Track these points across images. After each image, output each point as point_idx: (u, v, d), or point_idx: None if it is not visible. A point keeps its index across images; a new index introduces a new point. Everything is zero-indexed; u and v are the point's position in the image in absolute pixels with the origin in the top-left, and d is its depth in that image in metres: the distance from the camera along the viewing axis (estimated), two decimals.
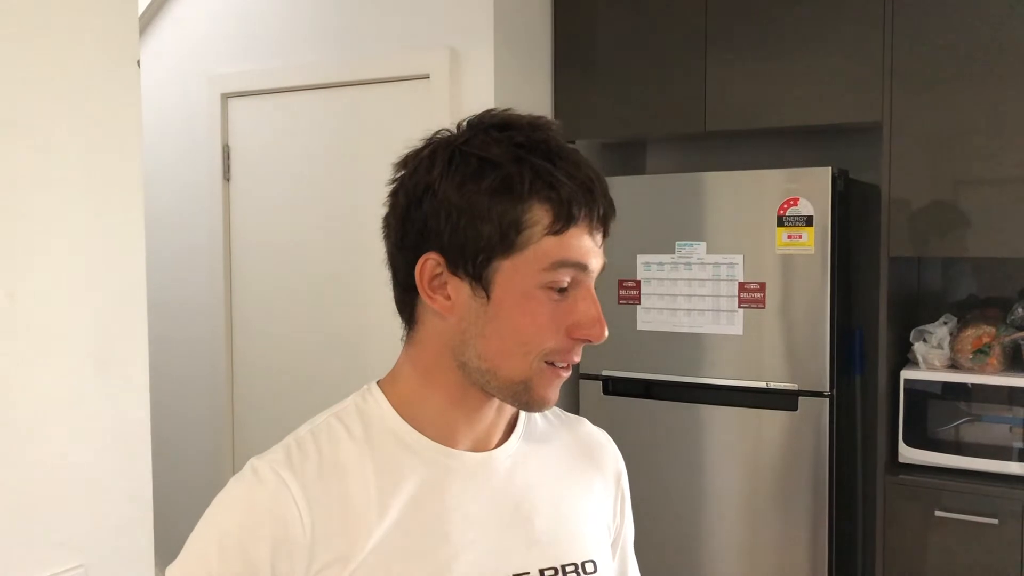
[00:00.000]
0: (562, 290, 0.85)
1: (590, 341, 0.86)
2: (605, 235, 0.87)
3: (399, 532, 0.85)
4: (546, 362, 0.86)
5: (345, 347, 3.06)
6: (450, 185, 0.84)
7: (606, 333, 0.85)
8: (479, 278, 0.84)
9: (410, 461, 0.89)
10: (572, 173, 0.84)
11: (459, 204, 0.83)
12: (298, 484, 0.85)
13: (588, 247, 0.85)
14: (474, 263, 0.84)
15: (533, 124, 0.87)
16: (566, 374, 0.88)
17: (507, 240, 0.83)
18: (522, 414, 0.98)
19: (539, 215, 0.83)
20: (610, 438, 1.08)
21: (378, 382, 0.94)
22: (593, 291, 0.86)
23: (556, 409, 1.04)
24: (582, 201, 0.83)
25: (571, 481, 0.99)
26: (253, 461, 0.88)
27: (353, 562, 0.83)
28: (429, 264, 0.86)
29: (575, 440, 1.03)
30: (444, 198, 0.84)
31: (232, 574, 0.83)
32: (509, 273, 0.84)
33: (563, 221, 0.83)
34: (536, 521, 0.92)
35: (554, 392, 0.88)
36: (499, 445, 0.94)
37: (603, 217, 0.86)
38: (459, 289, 0.85)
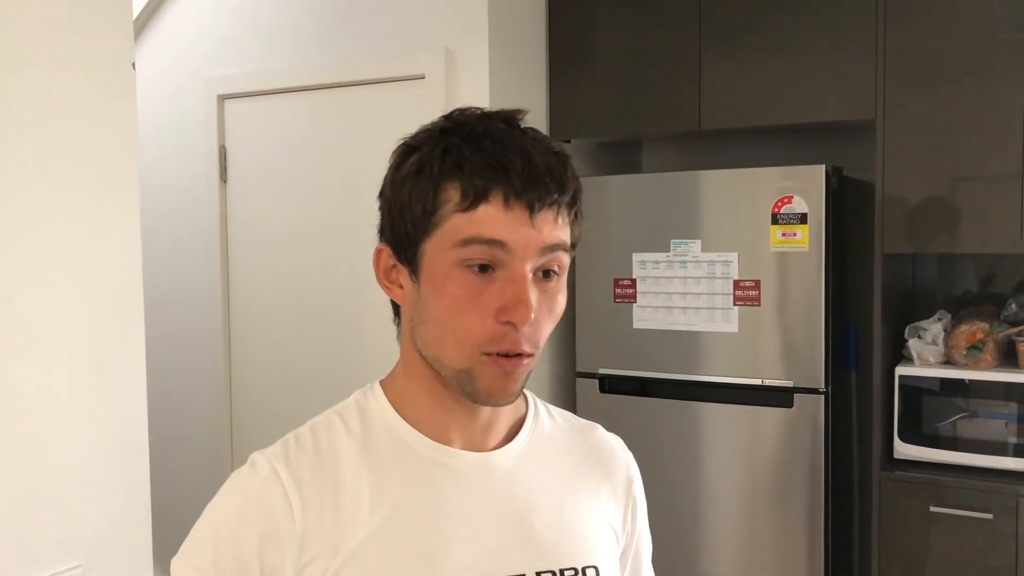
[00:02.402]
0: (483, 269, 0.82)
1: (514, 324, 0.82)
2: (532, 212, 0.81)
3: (390, 527, 0.86)
4: (486, 353, 0.84)
5: (342, 347, 3.07)
6: (387, 178, 0.88)
7: (531, 315, 0.81)
8: (411, 263, 0.86)
9: (405, 458, 0.90)
10: (487, 150, 0.82)
11: (390, 194, 0.87)
12: (291, 477, 0.86)
13: (504, 223, 0.81)
14: (408, 249, 0.86)
15: (463, 110, 0.88)
16: (510, 365, 0.84)
17: (425, 222, 0.84)
18: (529, 417, 0.97)
19: (450, 194, 0.83)
20: (624, 445, 1.06)
21: (381, 380, 0.96)
22: (523, 272, 0.82)
23: (568, 415, 1.04)
24: (491, 177, 0.81)
25: (576, 486, 0.97)
26: (253, 455, 0.90)
27: (342, 554, 0.84)
28: (383, 256, 0.90)
29: (585, 445, 1.02)
30: (384, 191, 0.89)
31: (225, 563, 0.84)
32: (431, 255, 0.84)
33: (471, 198, 0.81)
34: (535, 524, 0.91)
35: (503, 383, 0.85)
36: (501, 446, 0.94)
37: (522, 193, 0.81)
38: (406, 278, 0.88)
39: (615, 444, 1.05)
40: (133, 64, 1.79)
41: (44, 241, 1.65)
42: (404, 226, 0.86)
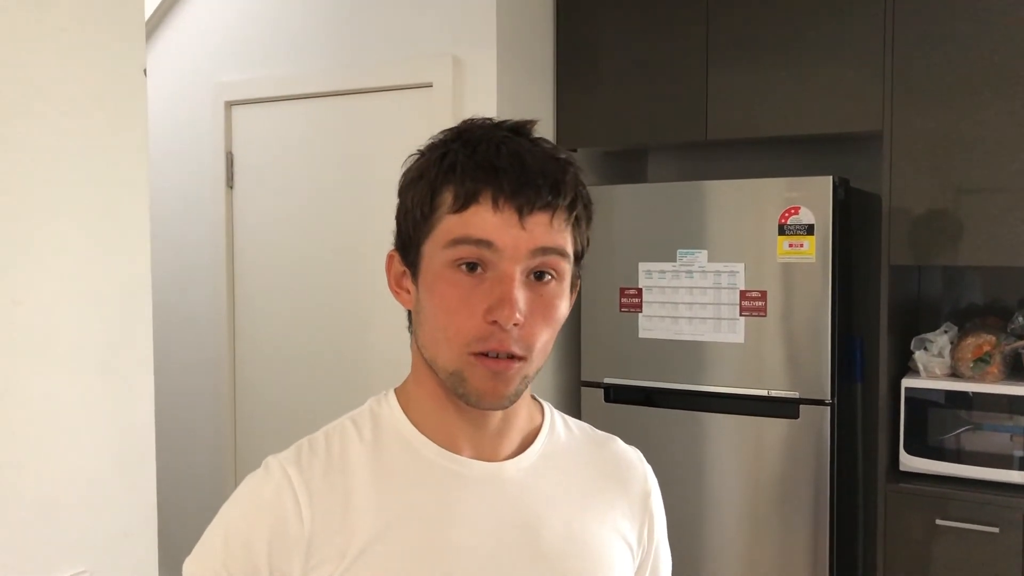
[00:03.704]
0: (473, 269, 0.83)
1: (499, 324, 0.82)
2: (521, 214, 0.82)
3: (396, 534, 0.86)
4: (474, 353, 0.84)
5: (349, 355, 3.07)
6: (398, 186, 0.91)
7: (516, 315, 0.81)
8: (413, 266, 0.89)
9: (415, 465, 0.90)
10: (481, 154, 0.84)
11: (400, 202, 0.90)
12: (302, 481, 0.87)
13: (492, 224, 0.82)
14: (410, 253, 0.89)
15: (474, 119, 0.89)
16: (498, 366, 0.84)
17: (424, 225, 0.86)
18: (544, 428, 0.97)
19: (445, 196, 0.85)
20: (643, 458, 1.05)
21: (396, 388, 0.96)
22: (511, 272, 0.83)
23: (586, 426, 1.04)
24: (481, 179, 0.83)
25: (590, 499, 0.96)
26: (267, 459, 0.91)
27: (348, 559, 0.84)
28: (394, 262, 0.92)
29: (601, 458, 1.01)
30: (398, 199, 0.91)
31: (235, 564, 0.85)
32: (427, 257, 0.86)
33: (462, 199, 0.83)
34: (545, 536, 0.91)
35: (492, 385, 0.84)
36: (513, 456, 0.93)
37: (511, 196, 0.82)
38: (411, 282, 0.90)
39: (633, 457, 1.05)
40: (144, 70, 1.79)
41: (53, 246, 1.65)
42: (408, 230, 0.88)
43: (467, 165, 0.84)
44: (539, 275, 0.85)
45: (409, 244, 0.88)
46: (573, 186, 0.86)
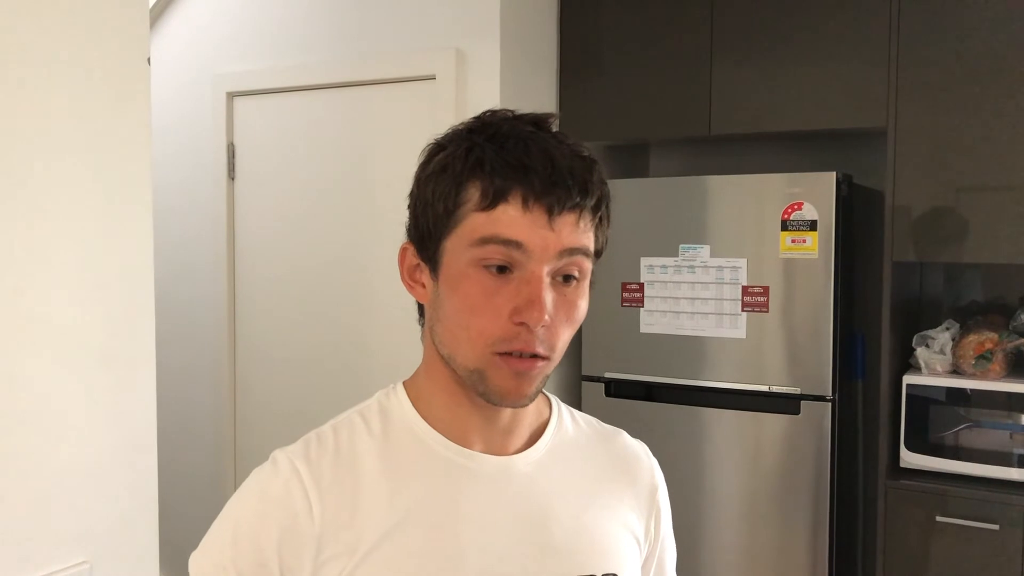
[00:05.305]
0: (501, 270, 0.82)
1: (527, 325, 0.81)
2: (551, 214, 0.81)
3: (408, 529, 0.86)
4: (499, 353, 0.83)
5: (347, 346, 3.06)
6: (415, 176, 0.89)
7: (545, 317, 0.81)
8: (432, 261, 0.87)
9: (425, 459, 0.89)
10: (510, 151, 0.82)
11: (416, 192, 0.88)
12: (311, 476, 0.86)
13: (521, 224, 0.81)
14: (429, 247, 0.86)
15: (495, 112, 0.88)
16: (522, 366, 0.83)
17: (446, 220, 0.84)
18: (552, 422, 0.97)
19: (471, 193, 0.83)
20: (649, 452, 1.05)
21: (404, 381, 0.95)
22: (539, 273, 0.82)
23: (593, 420, 1.03)
24: (511, 178, 0.81)
25: (598, 493, 0.96)
26: (275, 452, 0.90)
27: (359, 555, 0.84)
28: (408, 255, 0.90)
29: (608, 451, 1.01)
30: (412, 190, 0.89)
31: (244, 560, 0.85)
32: (449, 253, 0.85)
33: (490, 197, 0.81)
34: (554, 530, 0.91)
35: (515, 384, 0.84)
36: (523, 450, 0.93)
37: (542, 195, 0.81)
38: (428, 276, 0.88)
39: (639, 451, 1.05)
40: (148, 59, 1.79)
41: (55, 236, 1.64)
42: (427, 224, 0.86)
43: (496, 162, 0.82)
44: (565, 278, 0.84)
45: (428, 238, 0.86)
46: (599, 186, 0.86)
